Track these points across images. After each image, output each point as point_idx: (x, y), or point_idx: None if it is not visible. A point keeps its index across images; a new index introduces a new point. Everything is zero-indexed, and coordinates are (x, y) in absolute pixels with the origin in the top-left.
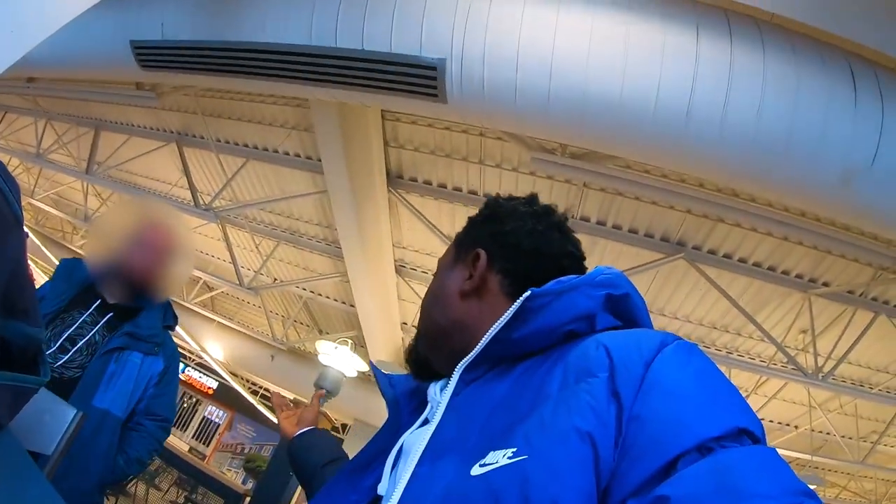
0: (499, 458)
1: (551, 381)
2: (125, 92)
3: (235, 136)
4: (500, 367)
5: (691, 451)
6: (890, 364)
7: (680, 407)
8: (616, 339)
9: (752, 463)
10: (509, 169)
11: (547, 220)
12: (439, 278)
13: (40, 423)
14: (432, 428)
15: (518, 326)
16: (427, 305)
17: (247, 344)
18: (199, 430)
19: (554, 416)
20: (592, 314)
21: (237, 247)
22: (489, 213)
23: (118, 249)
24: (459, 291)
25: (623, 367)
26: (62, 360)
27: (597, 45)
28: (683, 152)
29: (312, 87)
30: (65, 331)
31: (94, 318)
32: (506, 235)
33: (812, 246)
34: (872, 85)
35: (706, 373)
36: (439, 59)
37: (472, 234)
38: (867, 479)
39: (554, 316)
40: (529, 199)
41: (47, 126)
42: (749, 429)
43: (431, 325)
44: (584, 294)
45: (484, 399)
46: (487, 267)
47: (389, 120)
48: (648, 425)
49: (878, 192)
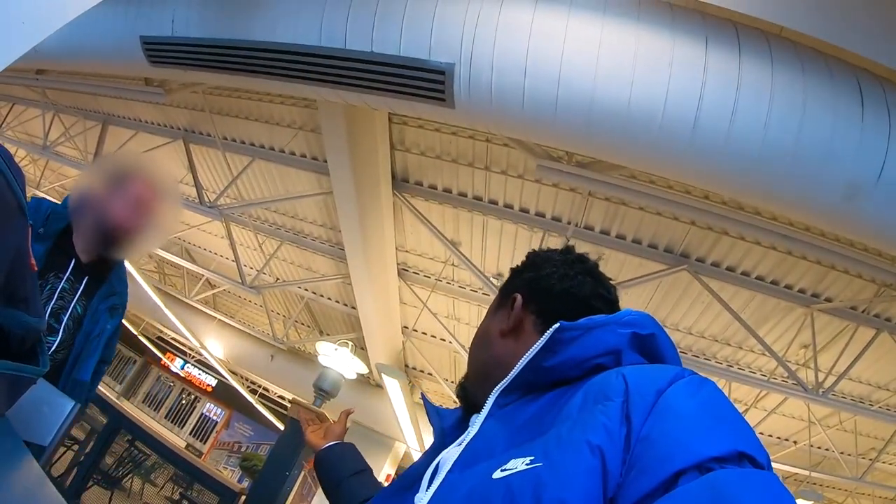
0: (518, 464)
1: (573, 404)
2: (134, 87)
3: (242, 134)
4: (532, 395)
5: (691, 469)
6: (891, 381)
7: (684, 429)
8: (636, 370)
9: (748, 484)
10: (515, 176)
11: (580, 266)
12: (486, 323)
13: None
14: (465, 443)
15: (549, 356)
16: (473, 346)
17: (247, 343)
18: (196, 427)
19: (571, 431)
20: (619, 350)
21: (240, 245)
22: (528, 262)
23: (108, 196)
24: (499, 331)
25: (637, 394)
26: (54, 345)
27: (606, 53)
28: (689, 164)
29: (320, 88)
30: (47, 304)
31: (73, 285)
32: (539, 280)
33: (816, 261)
34: (880, 101)
35: (714, 402)
36: (448, 63)
37: (512, 281)
38: (865, 496)
39: (582, 349)
40: (565, 249)
41: (55, 118)
42: (750, 454)
43: (475, 362)
44: (611, 331)
45: (514, 419)
46: (523, 309)
47: (396, 123)
48: (654, 444)
49: (883, 208)
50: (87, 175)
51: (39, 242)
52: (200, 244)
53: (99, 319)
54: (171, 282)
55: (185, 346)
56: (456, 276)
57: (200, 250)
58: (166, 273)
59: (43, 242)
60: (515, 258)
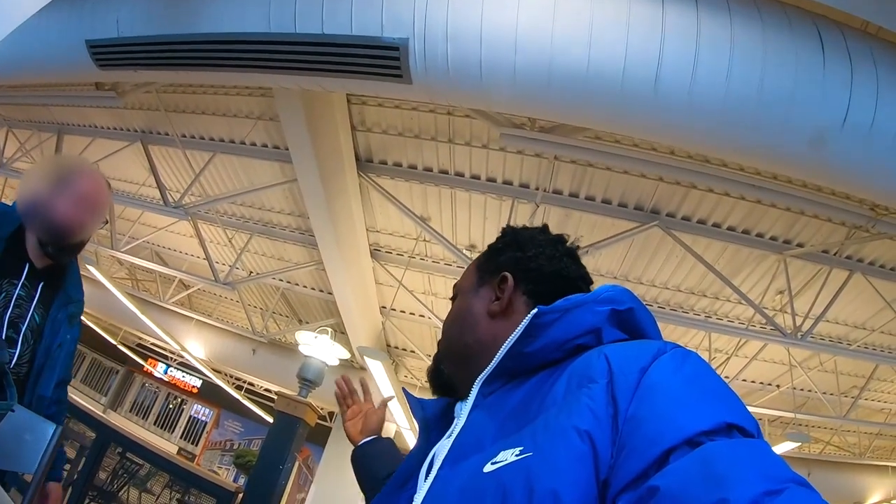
0: (508, 456)
1: (557, 388)
2: (85, 94)
3: (201, 130)
4: (516, 381)
5: (681, 445)
6: (867, 320)
7: (670, 405)
8: (617, 349)
9: (737, 453)
10: (479, 146)
11: (562, 248)
12: (464, 300)
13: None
14: (454, 436)
15: (529, 342)
16: (452, 327)
17: (227, 340)
18: (186, 430)
19: (557, 417)
20: (598, 329)
21: (210, 242)
22: (509, 240)
23: (52, 194)
24: (488, 312)
25: (621, 373)
26: (14, 358)
27: (561, 16)
28: (653, 121)
29: (273, 76)
30: (3, 312)
31: (28, 291)
32: (528, 261)
33: (785, 208)
34: (840, 46)
35: (699, 375)
36: (401, 38)
37: (494, 259)
38: (850, 433)
39: (562, 331)
40: (543, 228)
41: (8, 134)
42: (739, 424)
43: (459, 346)
44: (589, 310)
45: (500, 408)
46: (514, 289)
47: (355, 104)
48: (642, 424)
49: (850, 152)
50: (29, 176)
51: None
52: (170, 246)
53: (59, 329)
54: (145, 287)
55: (166, 350)
56: (429, 252)
57: (171, 252)
58: (138, 279)
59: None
60: (487, 229)
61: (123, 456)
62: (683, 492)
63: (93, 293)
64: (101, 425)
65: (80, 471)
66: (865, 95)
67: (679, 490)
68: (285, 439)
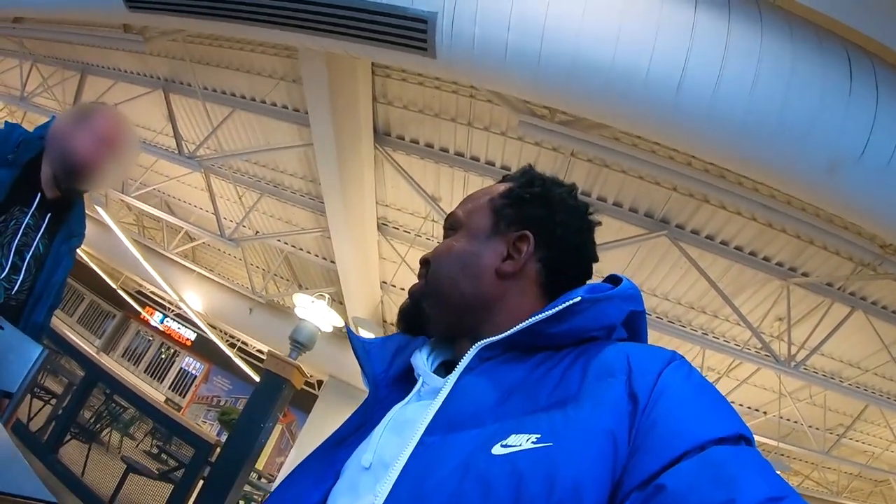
0: (522, 441)
1: (572, 378)
2: (112, 35)
3: (223, 84)
4: (513, 353)
5: (695, 450)
6: (862, 360)
7: (686, 410)
8: (636, 348)
9: (745, 460)
10: (497, 133)
11: (589, 221)
12: (472, 244)
13: (5, 362)
14: (440, 399)
15: (554, 324)
16: (450, 268)
17: (226, 296)
18: (175, 382)
19: (577, 410)
20: (615, 326)
21: (220, 197)
22: (538, 193)
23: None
24: (497, 269)
25: (640, 371)
26: (17, 284)
27: (591, 9)
28: (671, 125)
29: (301, 35)
30: (12, 240)
31: (37, 221)
32: (555, 226)
33: (795, 234)
34: (869, 76)
35: (705, 385)
36: (430, 12)
37: (517, 209)
38: (831, 470)
39: (587, 321)
40: (571, 190)
41: (32, 69)
42: (747, 436)
43: (455, 293)
44: (616, 306)
45: (498, 379)
46: (531, 252)
47: (379, 76)
48: (657, 425)
49: (864, 184)
50: (62, 115)
51: (7, 168)
52: (180, 196)
53: (60, 261)
54: (150, 235)
55: (165, 300)
56: (436, 232)
57: (180, 202)
58: (145, 226)
59: (10, 169)
60: None
61: (110, 398)
62: (691, 490)
63: (98, 235)
64: (90, 364)
65: (65, 407)
66: (888, 129)
67: (687, 488)
68: (270, 398)
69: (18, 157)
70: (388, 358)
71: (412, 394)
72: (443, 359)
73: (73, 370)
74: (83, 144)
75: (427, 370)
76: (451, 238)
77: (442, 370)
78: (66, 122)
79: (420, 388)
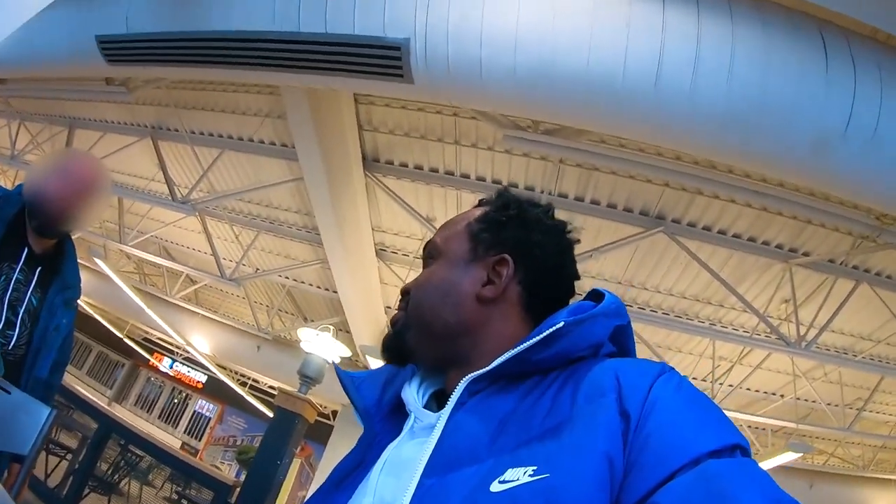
0: (519, 475)
1: (562, 402)
2: (96, 88)
3: (209, 126)
4: (501, 383)
5: (689, 465)
6: (872, 331)
7: (680, 425)
8: (624, 364)
9: (740, 472)
10: (485, 148)
11: (567, 240)
12: (451, 271)
13: (15, 424)
14: (434, 439)
15: (540, 350)
16: (431, 297)
17: (232, 336)
18: (190, 425)
19: (571, 436)
20: (601, 343)
21: (217, 238)
22: (514, 215)
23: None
24: (478, 295)
25: (629, 388)
26: (13, 340)
27: (561, 17)
28: (653, 124)
29: (279, 74)
30: (3, 296)
31: (27, 276)
32: (533, 247)
33: (791, 216)
34: (844, 51)
35: (697, 395)
36: (403, 38)
37: (494, 233)
38: (854, 445)
39: (572, 343)
40: (547, 209)
41: (21, 127)
42: (742, 445)
43: (437, 322)
44: (600, 324)
45: (490, 413)
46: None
47: (363, 103)
48: (652, 442)
49: (853, 158)
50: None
51: None
52: (177, 241)
53: (56, 312)
54: (152, 281)
55: (172, 344)
56: None
57: (178, 247)
58: (146, 273)
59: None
60: None
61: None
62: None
63: (100, 286)
64: (102, 416)
65: (80, 461)
66: (869, 102)
67: None
68: (284, 435)
69: (1, 214)
70: (378, 390)
71: (405, 431)
72: (434, 388)
73: (86, 423)
74: (56, 188)
75: (418, 405)
76: (431, 266)
77: (433, 402)
78: (39, 171)
79: (413, 425)
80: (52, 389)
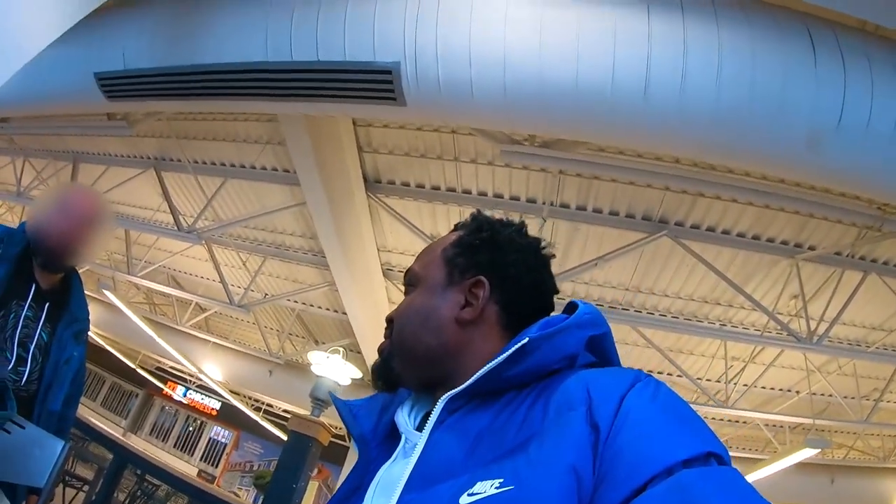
0: (486, 488)
1: (534, 416)
2: (97, 123)
3: (211, 155)
4: (479, 399)
5: (661, 475)
6: (884, 321)
7: (651, 434)
8: (596, 375)
9: (712, 481)
10: (484, 163)
11: (541, 258)
12: (430, 297)
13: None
14: (415, 457)
15: (510, 366)
16: (412, 324)
17: (244, 362)
18: (206, 452)
19: (539, 449)
20: (577, 354)
21: (225, 265)
22: (487, 238)
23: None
24: (455, 318)
25: (600, 399)
26: (25, 376)
27: (548, 31)
28: (646, 131)
29: (274, 103)
30: (13, 333)
31: (35, 312)
32: (507, 267)
33: (794, 211)
34: (832, 45)
35: (673, 403)
36: (393, 62)
37: (469, 257)
38: (873, 436)
39: (543, 357)
40: (521, 229)
41: (25, 164)
42: (717, 452)
43: (420, 347)
44: (572, 336)
45: (466, 429)
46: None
47: (361, 126)
48: (622, 453)
49: (849, 151)
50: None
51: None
52: (186, 270)
53: (66, 346)
54: (162, 311)
55: (185, 373)
56: None
57: (186, 276)
58: (156, 303)
59: (2, 265)
60: None
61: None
62: None
63: (111, 318)
64: (117, 446)
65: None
66: (860, 94)
67: None
68: (298, 458)
69: (7, 252)
70: (374, 416)
71: (397, 452)
72: (426, 410)
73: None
74: (57, 224)
75: (409, 426)
76: (411, 294)
77: (424, 422)
78: (41, 208)
79: (404, 445)
80: (67, 422)
